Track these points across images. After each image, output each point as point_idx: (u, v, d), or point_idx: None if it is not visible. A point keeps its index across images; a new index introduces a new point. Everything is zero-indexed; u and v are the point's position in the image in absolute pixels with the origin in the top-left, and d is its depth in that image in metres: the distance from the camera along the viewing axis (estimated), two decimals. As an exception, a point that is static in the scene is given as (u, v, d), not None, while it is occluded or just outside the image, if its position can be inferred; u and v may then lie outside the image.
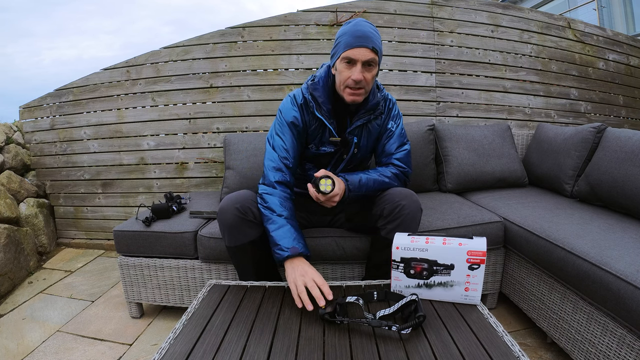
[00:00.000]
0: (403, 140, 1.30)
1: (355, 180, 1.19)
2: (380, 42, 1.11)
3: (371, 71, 1.11)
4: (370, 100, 1.20)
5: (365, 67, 1.09)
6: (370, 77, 1.11)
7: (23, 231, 2.18)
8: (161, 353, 0.76)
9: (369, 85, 1.13)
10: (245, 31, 2.24)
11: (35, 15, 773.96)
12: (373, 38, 1.08)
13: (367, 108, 1.20)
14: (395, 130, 1.29)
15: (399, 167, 1.28)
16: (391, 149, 1.28)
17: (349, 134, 1.23)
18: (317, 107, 1.20)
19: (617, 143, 1.42)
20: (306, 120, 1.23)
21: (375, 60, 1.10)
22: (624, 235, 1.15)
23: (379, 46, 1.10)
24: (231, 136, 2.00)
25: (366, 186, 1.20)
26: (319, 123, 1.22)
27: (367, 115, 1.22)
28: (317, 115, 1.20)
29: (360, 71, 1.08)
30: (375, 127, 1.28)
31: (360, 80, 1.09)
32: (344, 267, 1.45)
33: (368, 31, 1.08)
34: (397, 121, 1.30)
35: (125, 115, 2.34)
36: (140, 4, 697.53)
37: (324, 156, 1.28)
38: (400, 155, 1.28)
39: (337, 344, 0.78)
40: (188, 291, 1.54)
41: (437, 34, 2.31)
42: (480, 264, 0.88)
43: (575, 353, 1.12)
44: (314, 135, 1.25)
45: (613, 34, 2.62)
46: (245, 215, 1.17)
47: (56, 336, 1.52)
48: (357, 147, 1.25)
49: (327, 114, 1.19)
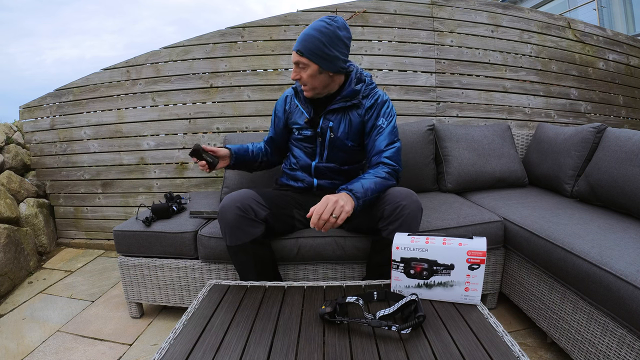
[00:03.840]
0: (394, 139, 1.30)
1: (357, 187, 1.13)
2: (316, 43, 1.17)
3: (305, 71, 1.22)
4: (345, 89, 1.29)
5: (299, 67, 1.24)
6: (306, 75, 1.23)
7: (23, 231, 2.18)
8: (161, 353, 0.76)
9: (311, 82, 1.25)
10: (246, 31, 2.24)
11: (38, 14, 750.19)
12: (304, 41, 1.19)
13: (342, 95, 1.30)
14: (386, 127, 1.30)
15: (389, 165, 1.26)
16: (381, 146, 1.28)
17: (324, 119, 1.33)
18: (297, 95, 1.40)
19: (617, 143, 1.42)
20: (287, 107, 1.44)
21: (303, 62, 1.20)
22: (624, 235, 1.15)
23: (308, 47, 1.18)
24: (231, 136, 2.00)
25: (371, 190, 1.15)
26: (297, 108, 1.40)
27: (342, 102, 1.30)
28: (296, 101, 1.40)
29: (295, 71, 1.25)
30: (355, 116, 1.33)
31: (296, 79, 1.26)
32: (344, 267, 1.45)
33: (306, 33, 1.19)
34: (389, 119, 1.31)
35: (125, 115, 2.35)
36: (144, 3, 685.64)
37: (307, 139, 1.39)
38: (390, 153, 1.28)
39: (337, 344, 0.78)
40: (188, 291, 1.54)
41: (437, 34, 2.31)
42: (480, 264, 0.88)
43: (575, 353, 1.12)
44: (293, 118, 1.42)
45: (613, 34, 2.62)
46: (246, 214, 1.17)
47: (56, 336, 1.52)
48: (333, 131, 1.33)
49: (304, 101, 1.36)
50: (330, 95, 1.32)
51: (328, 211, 1.00)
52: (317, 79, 1.24)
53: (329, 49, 1.18)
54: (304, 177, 1.42)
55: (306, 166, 1.41)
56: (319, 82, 1.26)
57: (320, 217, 1.00)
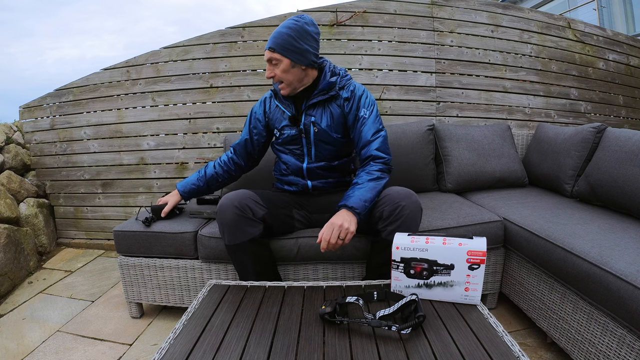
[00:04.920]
0: (378, 127, 1.31)
1: (356, 201, 1.13)
2: (287, 39, 1.20)
3: (279, 66, 1.23)
4: (321, 83, 1.31)
5: (272, 65, 1.24)
6: (280, 71, 1.24)
7: (23, 231, 2.18)
8: (161, 353, 0.76)
9: (285, 77, 1.25)
10: (245, 31, 2.24)
11: (39, 14, 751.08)
12: (274, 38, 1.21)
13: (319, 89, 1.30)
14: (368, 117, 1.30)
15: (380, 159, 1.26)
16: (367, 136, 1.29)
17: (306, 115, 1.33)
18: (276, 96, 1.39)
19: (617, 143, 1.42)
20: (266, 109, 1.44)
21: (275, 57, 1.22)
22: (624, 235, 1.15)
23: (278, 43, 1.21)
24: (231, 136, 2.00)
25: (369, 199, 1.16)
26: (278, 109, 1.39)
27: (320, 95, 1.31)
28: (275, 102, 1.39)
29: (269, 69, 1.25)
30: (335, 108, 1.33)
31: (271, 77, 1.26)
32: (344, 267, 1.45)
33: (275, 32, 1.22)
34: (370, 108, 1.32)
35: (125, 115, 2.34)
36: (145, 4, 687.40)
37: (292, 141, 1.37)
38: (378, 143, 1.28)
39: (337, 344, 0.78)
40: (188, 291, 1.54)
41: (437, 34, 2.31)
42: (480, 263, 0.88)
43: (575, 353, 1.12)
44: (274, 120, 1.40)
45: (613, 34, 2.62)
46: (244, 213, 1.17)
47: (56, 336, 1.52)
48: (317, 126, 1.32)
49: (283, 100, 1.36)
50: (307, 92, 1.32)
51: (335, 236, 1.07)
52: (290, 74, 1.25)
53: (299, 42, 1.21)
54: (297, 180, 1.41)
55: (297, 169, 1.39)
56: (292, 77, 1.26)
57: (329, 243, 1.08)
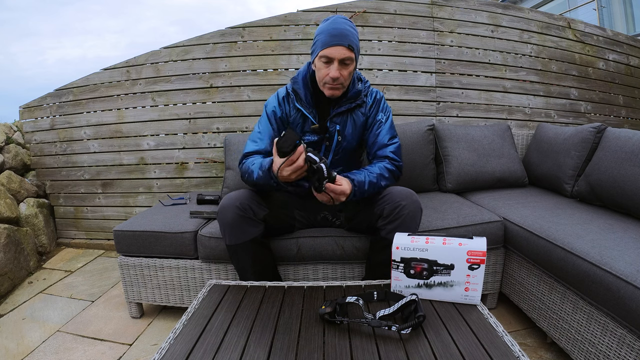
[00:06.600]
0: (394, 133, 1.32)
1: (361, 187, 1.17)
2: (357, 39, 1.16)
3: (348, 68, 1.16)
4: (350, 90, 1.26)
5: (341, 65, 1.15)
6: (347, 73, 1.17)
7: (23, 231, 2.18)
8: (161, 353, 0.76)
9: (346, 81, 1.19)
10: (245, 31, 2.24)
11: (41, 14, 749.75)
12: (350, 36, 1.13)
13: (347, 97, 1.25)
14: (385, 122, 1.31)
15: (394, 162, 1.28)
16: (384, 140, 1.29)
17: (330, 122, 1.28)
18: (297, 98, 1.28)
19: (617, 143, 1.42)
20: (286, 111, 1.31)
21: (352, 58, 1.15)
22: (624, 235, 1.15)
23: (356, 43, 1.15)
24: (231, 136, 2.01)
25: (369, 185, 1.19)
26: (300, 113, 1.29)
27: (348, 104, 1.26)
28: (297, 105, 1.27)
29: (337, 69, 1.14)
30: (359, 116, 1.31)
31: (337, 78, 1.15)
32: (344, 267, 1.45)
33: (344, 29, 1.12)
34: (387, 114, 1.33)
35: (125, 115, 2.34)
36: (147, 4, 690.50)
37: (309, 145, 1.31)
38: (394, 148, 1.29)
39: (337, 344, 0.78)
40: (188, 291, 1.54)
41: (437, 34, 2.31)
42: (480, 264, 0.88)
43: (575, 353, 1.12)
44: (294, 125, 1.31)
45: (613, 34, 2.62)
46: (245, 213, 1.17)
47: (56, 336, 1.52)
48: (341, 135, 1.29)
49: (307, 104, 1.27)
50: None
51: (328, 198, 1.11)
52: (350, 76, 1.21)
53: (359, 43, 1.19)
54: (303, 183, 1.32)
55: None
56: (350, 78, 1.21)
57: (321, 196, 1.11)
